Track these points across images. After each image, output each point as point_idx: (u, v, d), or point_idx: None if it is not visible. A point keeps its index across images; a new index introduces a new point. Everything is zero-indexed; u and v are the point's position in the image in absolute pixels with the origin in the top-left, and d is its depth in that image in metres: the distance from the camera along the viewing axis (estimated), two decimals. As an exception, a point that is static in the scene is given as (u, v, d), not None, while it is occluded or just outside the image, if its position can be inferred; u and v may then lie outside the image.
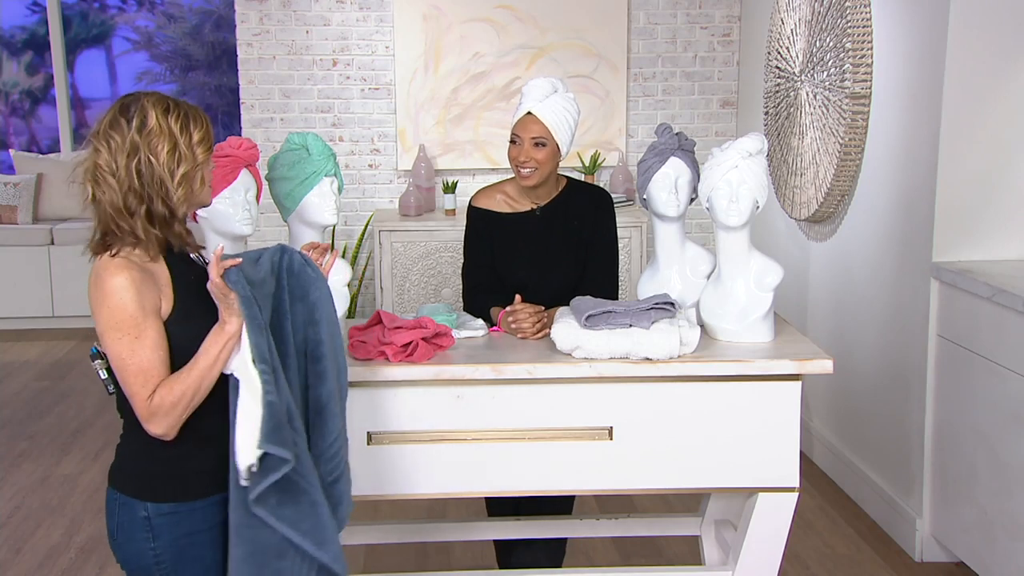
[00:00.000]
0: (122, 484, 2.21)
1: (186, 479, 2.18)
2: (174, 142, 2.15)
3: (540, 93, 3.00)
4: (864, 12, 3.94)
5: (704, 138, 5.72)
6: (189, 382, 2.11)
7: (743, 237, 2.78)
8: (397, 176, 5.85)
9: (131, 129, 2.14)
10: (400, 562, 3.72)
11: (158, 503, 2.17)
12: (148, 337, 2.09)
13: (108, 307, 2.07)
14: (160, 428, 2.10)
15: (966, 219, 3.57)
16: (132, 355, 2.08)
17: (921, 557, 3.72)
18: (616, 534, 3.37)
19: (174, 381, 2.11)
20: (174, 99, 2.22)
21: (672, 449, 2.70)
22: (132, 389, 2.09)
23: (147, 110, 2.15)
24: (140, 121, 2.14)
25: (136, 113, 2.14)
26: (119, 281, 2.08)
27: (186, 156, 2.16)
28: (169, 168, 2.14)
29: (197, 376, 2.11)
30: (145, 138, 2.13)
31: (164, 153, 2.14)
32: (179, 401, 2.10)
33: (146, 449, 2.19)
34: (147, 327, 2.09)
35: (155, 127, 2.14)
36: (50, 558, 3.81)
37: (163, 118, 2.15)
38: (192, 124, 2.19)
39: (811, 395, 4.65)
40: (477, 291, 3.17)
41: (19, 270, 6.92)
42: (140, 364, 2.08)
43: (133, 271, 2.10)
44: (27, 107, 8.32)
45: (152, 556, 2.17)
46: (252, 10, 5.68)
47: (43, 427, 5.14)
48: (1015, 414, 3.18)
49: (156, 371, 2.09)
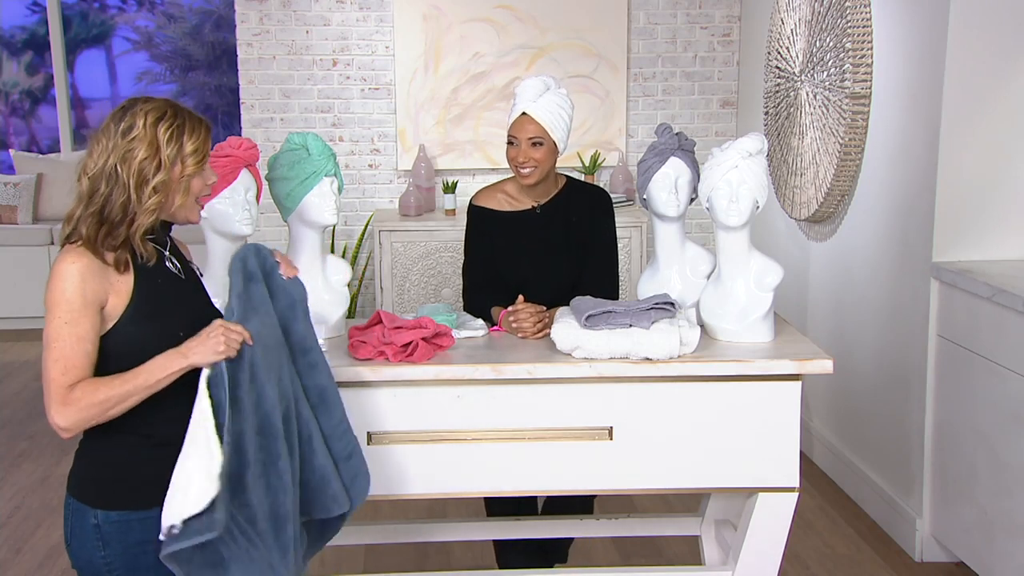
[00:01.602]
0: (76, 490, 2.20)
1: (139, 487, 2.16)
2: (155, 149, 2.14)
3: (533, 93, 3.01)
4: (864, 12, 3.94)
5: (704, 138, 5.72)
6: (118, 392, 2.06)
7: (743, 237, 2.78)
8: (397, 176, 5.85)
9: (117, 132, 2.15)
10: (400, 562, 3.72)
11: (108, 511, 2.15)
12: (79, 326, 2.07)
13: (51, 287, 2.09)
14: (66, 421, 2.05)
15: (966, 219, 3.57)
16: (58, 338, 2.06)
17: (921, 557, 3.72)
18: (616, 534, 3.37)
19: (103, 384, 2.07)
20: (177, 108, 2.21)
21: (672, 449, 2.70)
22: (49, 372, 2.06)
23: (137, 116, 2.15)
24: (128, 125, 2.15)
25: (127, 117, 2.16)
26: (67, 266, 2.09)
27: (166, 165, 2.15)
28: (141, 174, 2.14)
29: (130, 391, 2.07)
30: (126, 142, 2.14)
31: (139, 159, 2.13)
32: (99, 404, 2.05)
33: (100, 456, 2.18)
34: (82, 317, 2.08)
35: (139, 133, 2.14)
36: (50, 558, 3.81)
37: (152, 125, 2.15)
38: (186, 135, 2.18)
39: (811, 395, 4.65)
40: (477, 290, 3.17)
41: (19, 270, 6.92)
42: (63, 350, 2.06)
43: (85, 260, 2.10)
44: (27, 107, 8.33)
45: (103, 564, 2.16)
46: (252, 10, 5.68)
47: (43, 427, 5.13)
48: (1015, 414, 3.18)
49: (77, 361, 2.07)
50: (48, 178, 7.21)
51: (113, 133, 2.16)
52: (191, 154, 2.18)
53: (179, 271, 2.27)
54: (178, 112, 2.20)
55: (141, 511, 2.15)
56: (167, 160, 2.15)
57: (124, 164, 2.14)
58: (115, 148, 2.15)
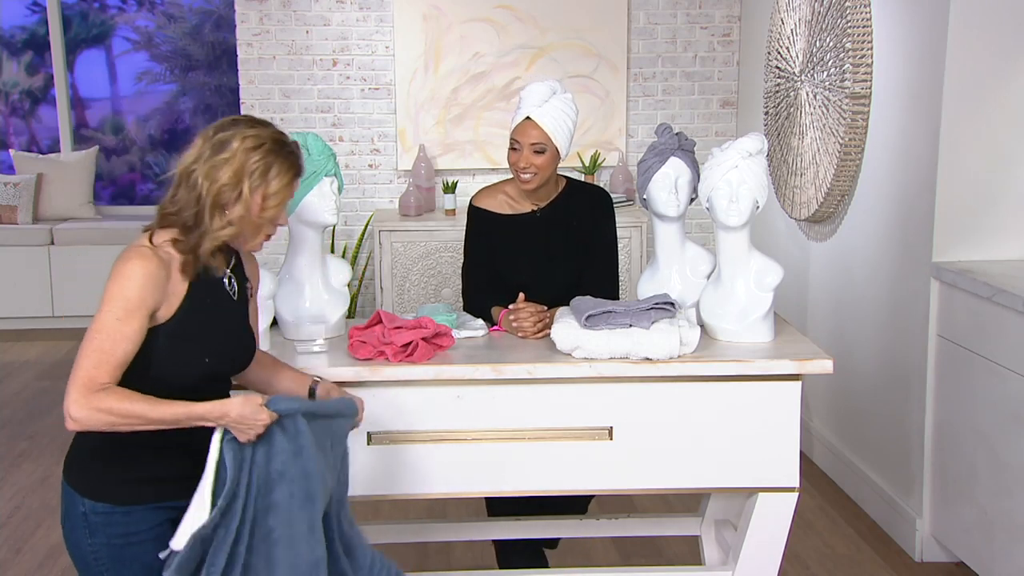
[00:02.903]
0: (69, 475, 2.22)
1: (124, 485, 2.18)
2: (239, 178, 2.12)
3: (538, 98, 3.00)
4: (864, 12, 3.94)
5: (704, 138, 5.72)
6: (144, 413, 2.06)
7: (743, 237, 2.78)
8: (397, 176, 5.85)
9: (211, 142, 2.13)
10: (400, 562, 3.69)
11: (95, 502, 2.17)
12: (128, 325, 2.08)
13: (114, 281, 2.09)
14: (79, 414, 2.04)
15: (966, 219, 3.57)
16: (104, 331, 2.07)
17: (921, 557, 3.72)
18: (616, 534, 3.37)
19: (129, 399, 2.05)
20: (278, 142, 2.16)
21: (672, 449, 2.70)
22: (84, 359, 2.07)
23: (236, 136, 2.13)
24: (223, 140, 2.13)
25: (228, 130, 2.14)
26: (135, 267, 2.09)
27: (245, 199, 2.13)
28: (219, 198, 2.12)
29: (155, 418, 2.07)
30: (215, 159, 2.12)
31: (221, 183, 2.12)
32: (121, 415, 2.05)
33: (95, 447, 2.19)
34: (133, 317, 2.08)
35: (229, 155, 2.12)
36: (50, 558, 3.81)
37: (245, 152, 2.12)
38: (274, 172, 2.14)
39: (811, 395, 4.65)
40: (477, 291, 3.17)
41: (19, 270, 6.92)
42: (104, 343, 2.07)
43: (152, 265, 2.10)
44: (27, 107, 8.32)
45: (90, 551, 2.18)
46: (252, 10, 5.68)
47: (43, 427, 5.13)
48: (1015, 414, 3.18)
49: (114, 360, 2.07)
50: (48, 178, 7.20)
51: (209, 140, 2.14)
52: (273, 194, 2.16)
53: (234, 292, 2.27)
54: (278, 147, 2.16)
55: (125, 506, 2.17)
56: (247, 193, 2.13)
57: (206, 180, 2.12)
58: (204, 159, 2.13)
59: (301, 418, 2.18)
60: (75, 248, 6.92)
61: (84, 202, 7.25)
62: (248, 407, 2.11)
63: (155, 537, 2.20)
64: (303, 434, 2.18)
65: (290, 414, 2.17)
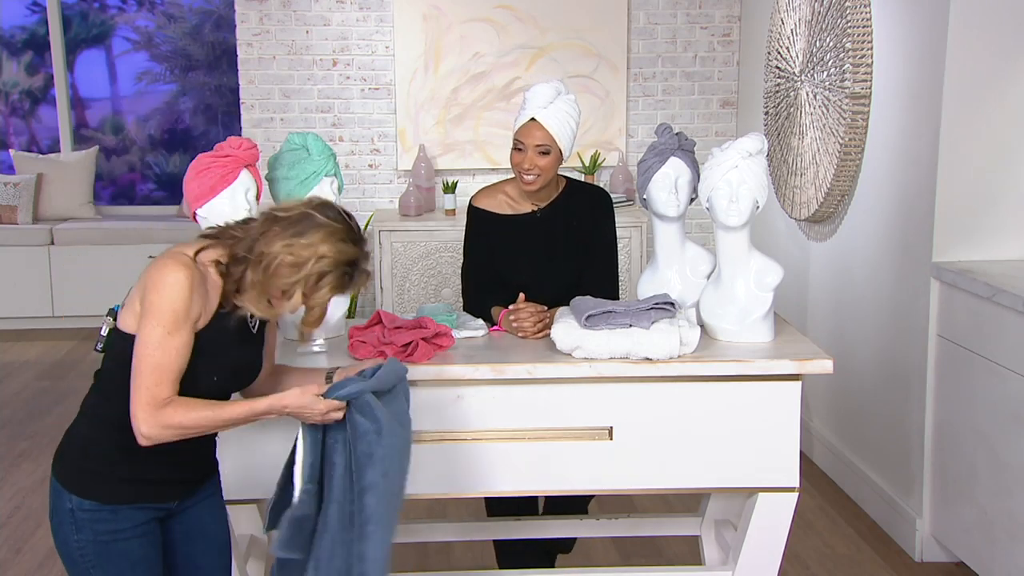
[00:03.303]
0: (56, 470, 2.24)
1: (110, 484, 2.19)
2: (299, 267, 2.11)
3: (544, 99, 3.00)
4: (864, 12, 3.94)
5: (704, 138, 5.72)
6: (209, 420, 2.13)
7: (743, 237, 2.78)
8: (397, 176, 5.85)
9: (292, 227, 2.12)
10: (400, 562, 3.72)
11: (82, 498, 2.18)
12: (179, 337, 2.10)
13: (159, 293, 2.08)
14: (150, 431, 2.09)
15: (966, 219, 3.57)
16: (159, 347, 2.08)
17: (921, 557, 3.72)
18: (616, 534, 3.37)
19: (197, 407, 2.12)
20: (351, 257, 2.15)
21: (672, 449, 2.70)
22: (143, 379, 2.09)
23: (317, 229, 2.12)
24: (301, 229, 2.12)
25: (313, 217, 2.13)
26: (178, 275, 2.09)
27: (300, 289, 2.13)
28: (274, 270, 2.12)
29: (220, 423, 2.15)
30: (292, 243, 2.11)
31: (283, 267, 2.11)
32: (188, 427, 2.12)
33: (83, 444, 2.21)
34: (183, 329, 2.10)
35: (303, 244, 2.11)
36: (50, 558, 3.81)
37: (321, 249, 2.11)
38: (324, 281, 2.13)
39: (811, 395, 4.65)
40: (477, 291, 3.17)
41: (19, 270, 6.92)
42: (161, 360, 2.08)
43: (194, 273, 2.11)
44: (27, 107, 8.32)
45: (76, 547, 2.19)
46: (252, 10, 5.68)
47: (43, 427, 5.13)
48: (1015, 414, 3.18)
49: (172, 375, 2.10)
50: (48, 178, 7.20)
51: (292, 222, 2.13)
52: (315, 304, 2.16)
53: (254, 326, 2.28)
54: (350, 268, 2.16)
55: (111, 505, 2.19)
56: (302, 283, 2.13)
57: (270, 259, 2.12)
58: (284, 229, 2.13)
59: (371, 397, 2.22)
60: (75, 248, 6.92)
61: (84, 202, 7.25)
62: (304, 398, 2.19)
63: (141, 534, 2.22)
64: (379, 412, 2.22)
65: (356, 397, 2.21)
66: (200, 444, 2.29)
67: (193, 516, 2.35)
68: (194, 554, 2.36)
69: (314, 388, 2.20)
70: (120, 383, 2.18)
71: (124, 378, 2.17)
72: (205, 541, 2.38)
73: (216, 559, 2.41)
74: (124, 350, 2.16)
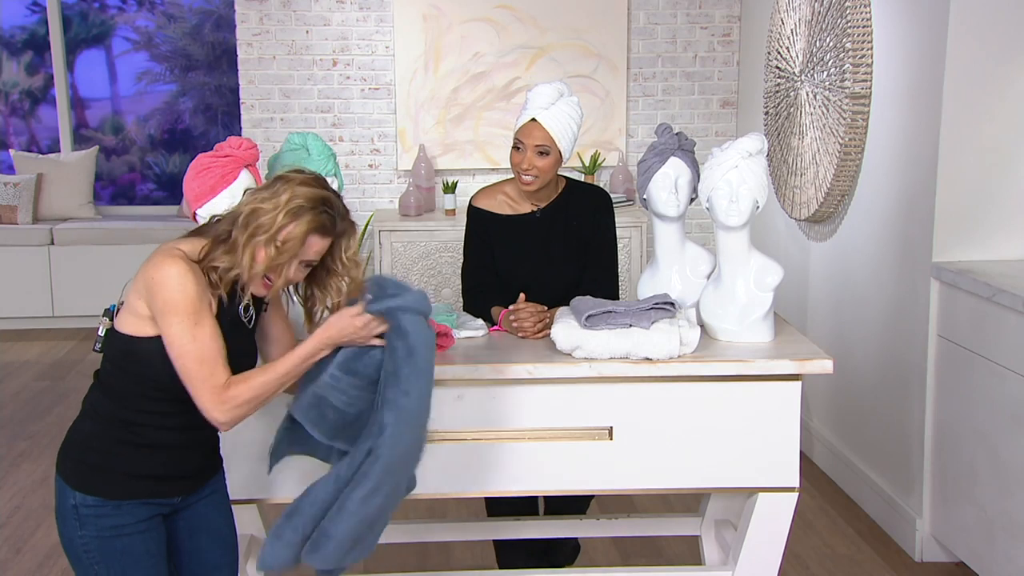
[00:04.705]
0: (60, 467, 2.25)
1: (114, 479, 2.20)
2: (276, 209, 2.14)
3: (545, 100, 3.00)
4: (864, 12, 3.94)
5: (704, 138, 5.72)
6: (271, 385, 2.17)
7: (743, 237, 2.78)
8: (397, 176, 5.85)
9: (266, 189, 2.17)
10: (400, 562, 3.72)
11: (85, 495, 2.19)
12: (206, 323, 2.11)
13: (168, 291, 2.09)
14: (226, 417, 2.14)
15: (966, 219, 3.57)
16: (192, 341, 2.09)
17: (921, 557, 3.72)
18: (616, 534, 3.37)
19: (253, 377, 2.15)
20: (324, 196, 2.18)
21: (672, 449, 2.70)
22: (195, 377, 2.10)
23: (287, 182, 2.16)
24: (276, 189, 2.16)
25: (282, 180, 2.17)
26: (177, 269, 2.09)
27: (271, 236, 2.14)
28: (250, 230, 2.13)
29: (279, 382, 2.19)
30: (267, 197, 2.15)
31: (262, 213, 2.13)
32: (257, 399, 2.16)
33: (86, 440, 2.22)
34: (205, 314, 2.11)
35: (276, 193, 2.14)
36: (50, 558, 3.81)
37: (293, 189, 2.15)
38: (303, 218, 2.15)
39: (811, 395, 4.65)
40: (477, 291, 3.17)
41: (19, 270, 6.92)
42: (202, 351, 2.09)
43: (190, 265, 2.12)
44: (27, 107, 8.32)
45: (80, 543, 2.20)
46: (252, 10, 5.68)
47: (43, 427, 5.14)
48: (1015, 414, 3.18)
49: (218, 357, 2.11)
50: (48, 178, 7.20)
51: (266, 186, 2.19)
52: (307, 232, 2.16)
53: (249, 321, 2.28)
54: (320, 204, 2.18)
55: (114, 500, 2.19)
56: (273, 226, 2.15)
57: (249, 203, 2.16)
58: (252, 199, 2.17)
59: (410, 316, 2.22)
60: (75, 248, 6.92)
61: (84, 202, 7.25)
62: (343, 319, 2.21)
63: (145, 530, 2.22)
64: (415, 330, 2.23)
65: (394, 313, 2.22)
66: (202, 440, 2.29)
67: (197, 512, 2.35)
68: (200, 549, 2.37)
69: (352, 309, 2.22)
70: (119, 381, 2.19)
71: (123, 377, 2.17)
72: (210, 536, 2.38)
73: (222, 555, 2.41)
74: (122, 350, 2.16)
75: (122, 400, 2.19)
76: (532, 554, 3.34)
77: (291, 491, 2.66)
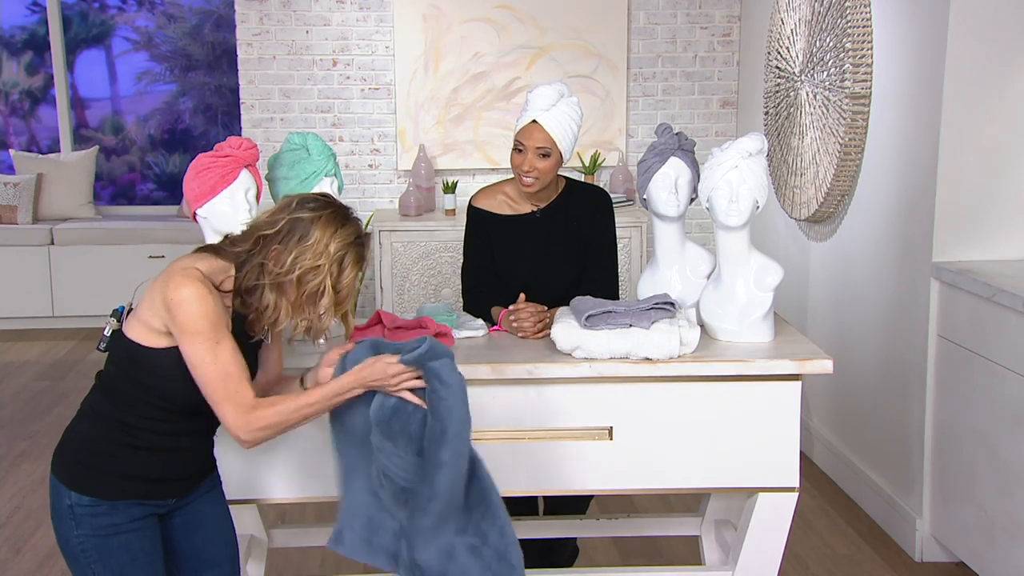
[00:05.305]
0: (56, 467, 2.25)
1: (109, 480, 2.20)
2: (319, 267, 2.14)
3: (546, 101, 3.00)
4: (864, 12, 3.94)
5: (704, 138, 5.72)
6: (296, 415, 2.18)
7: (743, 237, 2.78)
8: (397, 176, 5.85)
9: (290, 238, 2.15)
10: (400, 562, 3.72)
11: (80, 495, 2.19)
12: (226, 342, 2.12)
13: (188, 312, 2.09)
14: (249, 437, 2.15)
15: (966, 219, 3.57)
16: (215, 360, 2.10)
17: (921, 557, 3.72)
18: (616, 534, 3.37)
19: (278, 404, 2.16)
20: (355, 232, 2.19)
21: (672, 449, 2.70)
22: (220, 394, 2.11)
23: (313, 226, 2.15)
24: (300, 235, 2.15)
25: (304, 224, 2.15)
26: (197, 289, 2.10)
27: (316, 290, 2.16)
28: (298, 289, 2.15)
29: (306, 413, 2.20)
30: (301, 250, 2.14)
31: (306, 273, 2.14)
32: (281, 425, 2.17)
33: (82, 441, 2.22)
34: (224, 333, 2.12)
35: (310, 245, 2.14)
36: (50, 558, 3.81)
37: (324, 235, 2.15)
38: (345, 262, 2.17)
39: (811, 395, 4.65)
40: (477, 291, 3.17)
41: (19, 270, 6.92)
42: (226, 369, 2.10)
43: (208, 285, 2.12)
44: (27, 107, 8.31)
45: (77, 543, 2.21)
46: (252, 10, 5.68)
47: (43, 427, 5.13)
48: (1015, 414, 3.18)
49: (241, 375, 2.12)
50: (48, 178, 7.20)
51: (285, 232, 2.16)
52: (349, 273, 2.19)
53: (251, 337, 2.29)
54: (359, 238, 2.21)
55: (110, 501, 2.20)
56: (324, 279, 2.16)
57: (274, 262, 2.15)
58: (284, 237, 2.15)
59: (434, 365, 2.23)
60: (75, 248, 6.92)
61: (84, 202, 7.25)
62: (377, 364, 2.22)
63: (140, 528, 2.23)
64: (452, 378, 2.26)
65: (426, 362, 2.23)
66: (198, 443, 2.29)
67: (193, 510, 2.36)
68: (197, 546, 2.37)
69: (387, 358, 2.23)
70: (121, 385, 2.19)
71: (125, 380, 2.18)
72: (207, 532, 2.38)
73: (221, 550, 2.42)
74: (129, 356, 2.17)
75: (123, 403, 2.19)
76: (532, 554, 3.34)
77: (285, 491, 2.67)
